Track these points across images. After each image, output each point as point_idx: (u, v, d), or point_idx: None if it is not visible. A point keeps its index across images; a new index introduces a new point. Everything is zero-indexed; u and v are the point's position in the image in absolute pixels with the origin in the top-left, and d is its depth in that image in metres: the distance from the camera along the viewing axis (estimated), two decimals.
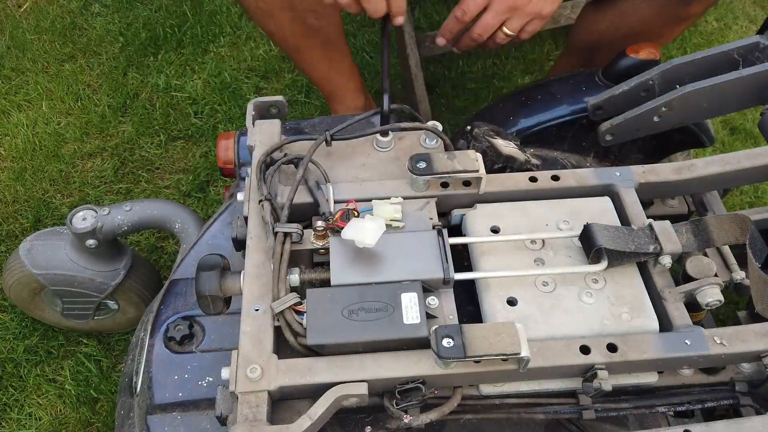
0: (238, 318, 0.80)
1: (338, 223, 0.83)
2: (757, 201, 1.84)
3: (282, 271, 0.81)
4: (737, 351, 0.78)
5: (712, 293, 0.81)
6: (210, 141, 1.90)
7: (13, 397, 1.46)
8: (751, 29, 2.25)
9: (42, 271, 1.32)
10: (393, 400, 0.77)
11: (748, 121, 2.01)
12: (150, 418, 0.92)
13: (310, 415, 0.71)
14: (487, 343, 0.71)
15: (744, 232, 0.83)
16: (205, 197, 1.79)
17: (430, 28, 2.18)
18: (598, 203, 0.92)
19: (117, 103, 1.97)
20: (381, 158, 0.98)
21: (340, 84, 1.69)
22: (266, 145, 0.96)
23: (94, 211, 1.29)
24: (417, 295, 0.77)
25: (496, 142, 1.00)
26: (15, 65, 2.06)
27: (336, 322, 0.76)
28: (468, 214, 0.91)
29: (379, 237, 0.79)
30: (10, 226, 1.71)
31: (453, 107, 2.02)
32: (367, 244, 0.79)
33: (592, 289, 0.83)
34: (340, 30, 1.54)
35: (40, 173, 1.81)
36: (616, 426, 0.86)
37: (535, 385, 0.82)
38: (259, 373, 0.74)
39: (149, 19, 2.18)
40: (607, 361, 0.76)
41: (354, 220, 0.82)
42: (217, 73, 2.05)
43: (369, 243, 0.79)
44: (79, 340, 1.53)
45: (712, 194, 1.15)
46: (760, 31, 1.12)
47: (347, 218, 0.83)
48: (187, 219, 1.34)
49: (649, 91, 1.10)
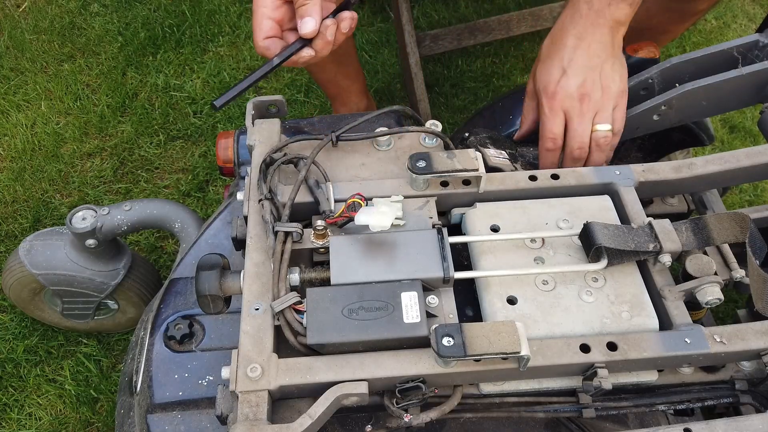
0: (238, 317, 0.80)
1: (346, 214, 0.83)
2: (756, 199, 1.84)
3: (282, 271, 0.81)
4: (737, 349, 0.78)
5: (711, 291, 0.81)
6: (209, 140, 1.90)
7: (13, 397, 1.46)
8: (750, 27, 2.25)
9: (42, 271, 1.32)
10: (393, 399, 0.77)
11: (748, 120, 2.01)
12: (150, 417, 0.92)
13: (310, 414, 0.71)
14: (487, 341, 0.71)
15: (744, 231, 0.83)
16: (204, 197, 1.79)
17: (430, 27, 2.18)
18: (597, 202, 0.92)
19: (116, 103, 1.97)
20: (381, 157, 0.98)
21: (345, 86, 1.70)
22: (266, 145, 0.96)
23: (94, 211, 1.29)
24: (417, 294, 0.77)
25: (487, 152, 0.99)
26: (14, 65, 2.06)
27: (336, 321, 0.76)
28: (468, 212, 0.91)
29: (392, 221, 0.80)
30: (10, 227, 1.71)
31: (452, 106, 2.02)
32: (384, 227, 0.79)
33: (591, 287, 0.83)
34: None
35: (40, 173, 1.81)
36: (616, 424, 0.86)
37: (535, 384, 0.82)
38: (260, 373, 0.74)
39: (148, 18, 2.18)
40: (607, 360, 0.76)
41: (365, 207, 0.82)
42: (216, 73, 2.05)
43: (385, 225, 0.79)
44: (78, 340, 1.53)
45: (711, 193, 1.15)
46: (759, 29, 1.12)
47: (354, 209, 0.83)
48: (186, 218, 1.34)
49: (648, 90, 1.10)
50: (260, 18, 0.90)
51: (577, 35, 0.99)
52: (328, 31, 0.90)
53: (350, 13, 0.92)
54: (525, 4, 2.20)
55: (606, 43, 0.98)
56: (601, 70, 0.98)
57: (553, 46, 1.02)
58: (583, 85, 0.98)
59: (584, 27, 0.98)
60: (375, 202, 0.87)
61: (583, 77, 0.98)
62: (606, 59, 0.98)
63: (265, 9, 0.90)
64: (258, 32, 0.90)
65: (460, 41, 1.92)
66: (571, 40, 0.99)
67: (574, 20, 0.99)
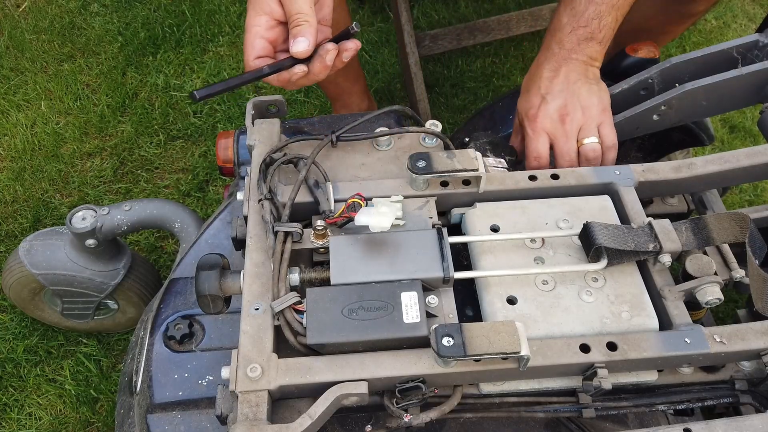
0: (237, 317, 0.80)
1: (345, 214, 0.83)
2: (756, 199, 1.84)
3: (282, 271, 0.81)
4: (737, 349, 0.78)
5: (711, 291, 0.81)
6: (209, 140, 1.90)
7: (13, 397, 1.46)
8: (750, 27, 2.25)
9: (42, 271, 1.32)
10: (393, 399, 0.77)
11: (748, 120, 2.01)
12: (150, 417, 0.92)
13: (310, 414, 0.71)
14: (486, 341, 0.71)
15: (743, 231, 0.83)
16: (204, 196, 1.79)
17: (430, 27, 2.18)
18: (597, 202, 0.92)
19: (116, 103, 1.97)
20: (380, 157, 0.98)
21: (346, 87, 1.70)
22: (266, 144, 0.96)
23: (94, 211, 1.29)
24: (417, 294, 0.77)
25: (486, 161, 1.00)
26: (14, 65, 2.06)
27: (336, 321, 0.76)
28: (467, 212, 0.91)
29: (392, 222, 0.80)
30: (10, 226, 1.71)
31: (452, 106, 2.02)
32: (383, 228, 0.79)
33: (591, 287, 0.83)
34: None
35: (39, 173, 1.81)
36: (616, 424, 0.86)
37: (535, 384, 0.82)
38: (259, 373, 0.74)
39: (148, 18, 2.18)
40: (606, 360, 0.76)
41: (365, 207, 0.82)
42: (216, 73, 2.05)
43: (385, 225, 0.79)
44: (78, 339, 1.53)
45: (711, 193, 1.15)
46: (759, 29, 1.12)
47: (353, 209, 0.83)
48: (186, 218, 1.34)
49: (648, 90, 1.10)
50: (253, 37, 0.89)
51: (552, 69, 1.03)
52: (328, 56, 0.89)
53: (354, 42, 0.92)
54: (525, 4, 2.20)
55: (580, 73, 1.02)
56: (579, 94, 1.01)
57: (530, 80, 1.06)
58: (563, 107, 1.01)
59: (558, 62, 1.03)
60: (375, 203, 0.87)
61: (563, 100, 1.01)
62: (582, 85, 1.02)
63: (258, 28, 0.89)
64: (250, 51, 0.89)
65: (459, 41, 1.92)
66: (546, 73, 1.03)
67: (548, 58, 1.04)
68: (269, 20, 0.89)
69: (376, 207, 0.82)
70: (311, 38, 0.87)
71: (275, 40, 0.91)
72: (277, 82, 0.91)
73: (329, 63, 0.90)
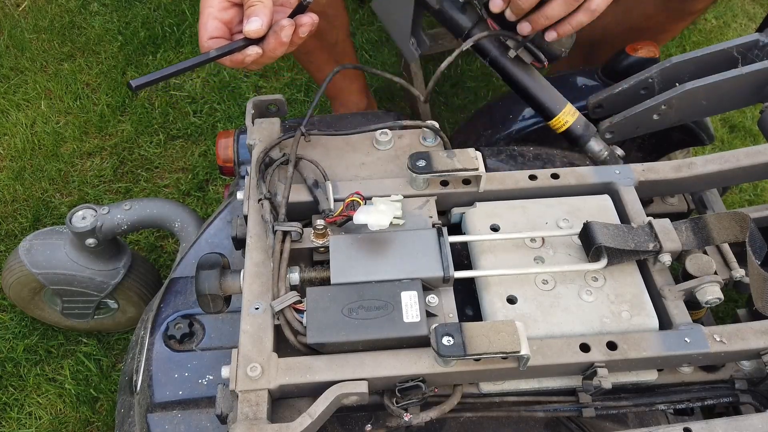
0: (238, 316, 0.80)
1: (344, 213, 0.83)
2: (756, 199, 1.84)
3: (282, 270, 0.81)
4: (737, 349, 0.78)
5: (711, 291, 0.81)
6: (209, 140, 1.90)
7: (13, 396, 1.46)
8: (750, 27, 2.25)
9: (41, 271, 1.32)
10: (393, 398, 0.77)
11: (748, 119, 2.01)
12: (150, 416, 0.92)
13: (310, 413, 0.71)
14: (486, 341, 0.71)
15: (743, 230, 0.83)
16: (204, 196, 1.79)
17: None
18: (597, 201, 0.92)
19: (116, 103, 1.97)
20: (380, 157, 0.98)
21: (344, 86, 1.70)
22: (266, 144, 0.96)
23: (94, 211, 1.29)
24: (417, 293, 0.77)
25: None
26: (14, 64, 2.06)
27: (336, 320, 0.76)
28: (467, 212, 0.91)
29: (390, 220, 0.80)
30: (9, 226, 1.71)
31: (452, 105, 2.02)
32: (382, 226, 0.79)
33: (591, 287, 0.83)
34: (347, 32, 1.55)
35: (39, 173, 1.81)
36: (616, 424, 0.86)
37: (534, 383, 0.82)
38: (259, 372, 0.74)
39: (148, 17, 2.18)
40: (606, 359, 0.76)
41: (364, 206, 0.82)
42: (216, 72, 2.05)
43: (383, 224, 0.79)
44: (78, 339, 1.53)
45: (711, 192, 1.15)
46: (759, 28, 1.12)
47: (352, 208, 0.83)
48: (186, 218, 1.34)
49: (648, 89, 1.10)
50: (206, 18, 0.88)
51: None
52: (284, 32, 0.87)
53: (311, 17, 0.90)
54: None
55: None
56: None
57: None
58: None
59: None
60: (374, 201, 0.87)
61: None
62: None
63: (211, 9, 0.88)
64: (203, 32, 0.88)
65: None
66: None
67: None
68: (223, 1, 0.88)
69: (375, 205, 0.82)
70: (265, 18, 0.86)
71: (230, 21, 0.90)
72: (231, 64, 0.89)
73: (285, 40, 0.88)
